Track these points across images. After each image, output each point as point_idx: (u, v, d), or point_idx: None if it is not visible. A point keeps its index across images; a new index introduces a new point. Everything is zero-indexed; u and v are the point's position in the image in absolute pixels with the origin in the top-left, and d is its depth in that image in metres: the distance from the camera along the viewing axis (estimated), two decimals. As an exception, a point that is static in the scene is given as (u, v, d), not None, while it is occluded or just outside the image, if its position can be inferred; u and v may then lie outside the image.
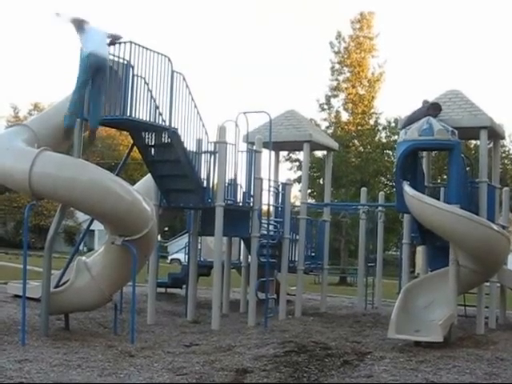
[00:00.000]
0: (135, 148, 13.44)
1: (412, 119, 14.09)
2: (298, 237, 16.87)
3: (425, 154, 15.76)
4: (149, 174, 14.70)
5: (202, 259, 18.72)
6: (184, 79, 12.77)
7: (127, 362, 9.48)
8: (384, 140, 43.31)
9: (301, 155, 32.75)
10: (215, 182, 13.80)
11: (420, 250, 17.31)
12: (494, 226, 13.41)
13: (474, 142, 32.92)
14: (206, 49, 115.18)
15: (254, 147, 14.90)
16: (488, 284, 15.43)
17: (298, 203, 21.31)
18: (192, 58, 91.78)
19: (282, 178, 18.61)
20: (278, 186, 16.85)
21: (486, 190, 14.37)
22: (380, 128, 43.76)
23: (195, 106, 13.05)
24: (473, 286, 14.35)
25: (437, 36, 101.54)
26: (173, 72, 12.47)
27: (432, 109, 14.11)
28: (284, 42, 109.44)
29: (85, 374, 8.59)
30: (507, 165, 43.51)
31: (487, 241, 12.78)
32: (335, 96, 42.70)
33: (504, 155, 41.84)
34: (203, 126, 13.36)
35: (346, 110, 42.64)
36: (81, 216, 51.20)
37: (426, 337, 11.98)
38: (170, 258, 44.33)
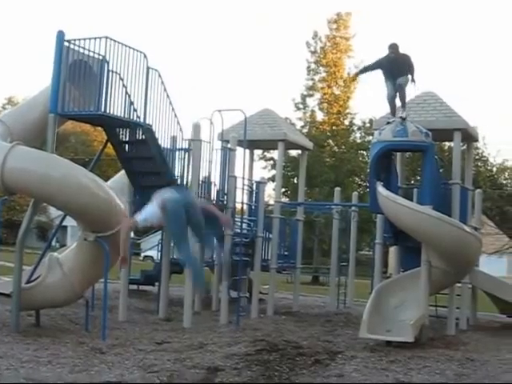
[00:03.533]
0: (109, 144, 13.36)
1: (373, 65, 14.29)
2: (271, 235, 16.88)
3: (398, 154, 15.83)
4: (123, 171, 14.62)
5: (174, 257, 18.64)
6: (159, 75, 12.72)
7: (98, 359, 9.44)
8: (358, 140, 43.43)
9: (275, 154, 32.76)
10: (189, 179, 13.78)
11: (392, 250, 17.38)
12: (467, 228, 13.53)
13: (447, 143, 33.07)
14: (183, 46, 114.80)
15: (229, 145, 14.90)
16: (460, 285, 15.54)
17: (271, 202, 21.28)
18: (167, 54, 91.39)
19: (256, 177, 18.59)
20: (252, 184, 16.87)
21: (459, 192, 14.44)
22: (355, 128, 43.89)
23: (170, 103, 13.02)
24: (444, 287, 14.45)
25: (413, 37, 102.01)
26: (148, 68, 12.41)
27: (389, 48, 14.04)
28: (260, 40, 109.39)
29: (55, 371, 8.55)
30: (480, 167, 43.76)
31: (459, 242, 12.88)
32: (311, 95, 42.78)
33: (477, 157, 42.08)
34: (178, 122, 13.34)
35: (321, 109, 42.73)
36: (53, 212, 50.66)
37: (397, 337, 12.04)
38: (142, 255, 44.14)
